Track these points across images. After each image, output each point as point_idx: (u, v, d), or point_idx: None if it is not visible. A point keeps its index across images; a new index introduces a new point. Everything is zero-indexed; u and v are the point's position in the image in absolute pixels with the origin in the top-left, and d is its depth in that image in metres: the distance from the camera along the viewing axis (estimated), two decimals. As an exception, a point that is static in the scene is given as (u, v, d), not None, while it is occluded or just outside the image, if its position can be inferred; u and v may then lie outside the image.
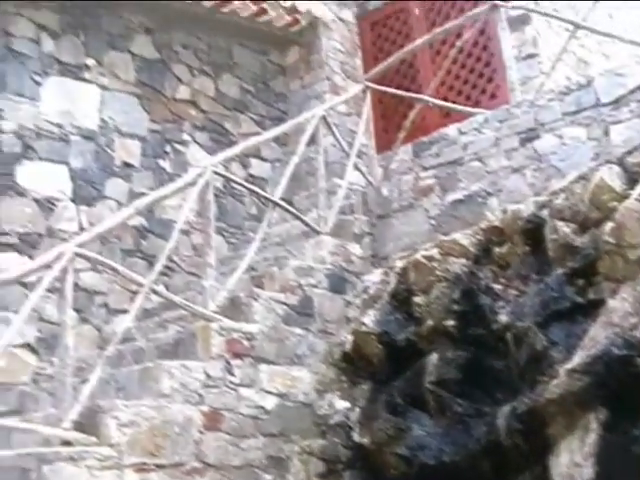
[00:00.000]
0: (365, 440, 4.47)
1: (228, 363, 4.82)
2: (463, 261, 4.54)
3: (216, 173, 5.28)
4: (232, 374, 4.83)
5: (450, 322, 4.38)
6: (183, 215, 4.94)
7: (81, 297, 6.10)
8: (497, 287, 4.34)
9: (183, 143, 7.45)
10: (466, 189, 5.97)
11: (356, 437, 4.54)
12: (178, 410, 4.50)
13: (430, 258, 4.65)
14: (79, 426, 4.15)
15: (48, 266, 4.22)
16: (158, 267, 4.76)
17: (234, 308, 5.11)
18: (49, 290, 4.39)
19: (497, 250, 4.43)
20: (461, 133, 6.27)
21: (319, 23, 8.43)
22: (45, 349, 6.19)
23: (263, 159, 7.94)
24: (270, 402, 4.98)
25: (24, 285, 5.48)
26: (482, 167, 5.99)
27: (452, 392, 4.24)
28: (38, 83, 6.62)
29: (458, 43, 7.09)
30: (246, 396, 4.86)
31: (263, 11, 8.01)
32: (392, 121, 8.20)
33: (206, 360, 4.74)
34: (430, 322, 4.48)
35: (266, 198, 5.88)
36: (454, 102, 7.61)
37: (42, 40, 6.73)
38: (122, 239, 6.67)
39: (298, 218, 6.03)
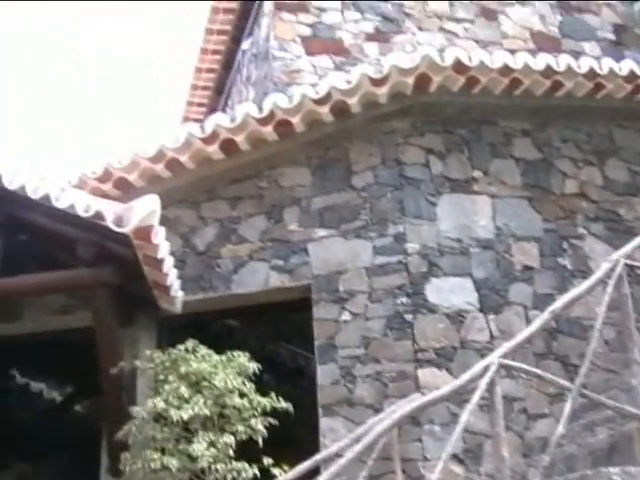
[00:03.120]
0: None
1: (673, 466, 4.49)
2: None
3: (627, 265, 5.09)
4: (679, 478, 4.47)
5: None
6: (601, 313, 4.79)
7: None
8: None
9: (579, 237, 7.30)
10: None
11: None
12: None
13: None
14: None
15: (478, 378, 4.32)
16: (584, 369, 4.64)
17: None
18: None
19: None
20: None
21: None
22: (471, 459, 6.27)
23: (666, 238, 7.48)
24: None
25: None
26: None
27: None
28: (433, 203, 6.97)
29: None
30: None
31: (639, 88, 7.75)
32: None
33: (647, 464, 4.46)
34: None
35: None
36: None
37: (431, 162, 7.12)
38: (533, 342, 6.62)
39: None
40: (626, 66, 7.64)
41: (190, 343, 6.11)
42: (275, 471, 5.48)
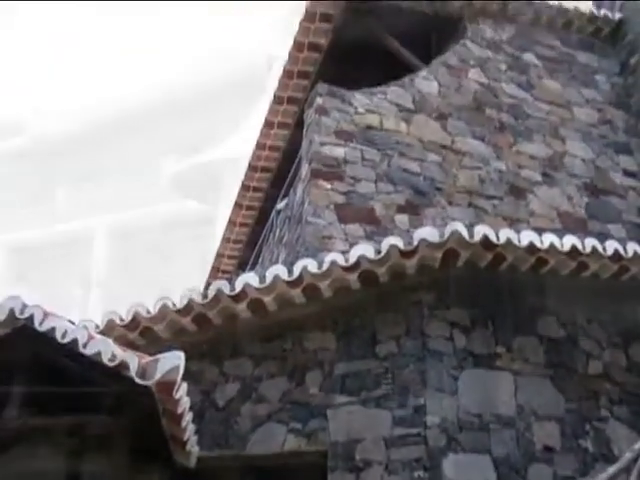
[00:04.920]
0: None
1: None
2: None
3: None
4: None
5: None
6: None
7: None
8: None
9: (602, 419, 7.20)
10: None
11: None
12: None
13: None
14: None
15: None
16: None
17: None
18: None
19: None
20: None
21: None
22: None
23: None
24: None
25: None
26: None
27: None
28: (455, 377, 6.95)
29: None
30: None
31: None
32: None
33: None
34: None
35: None
36: None
37: (455, 336, 7.15)
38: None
39: None
40: (651, 250, 7.77)
41: (201, 501, 6.03)
42: None
